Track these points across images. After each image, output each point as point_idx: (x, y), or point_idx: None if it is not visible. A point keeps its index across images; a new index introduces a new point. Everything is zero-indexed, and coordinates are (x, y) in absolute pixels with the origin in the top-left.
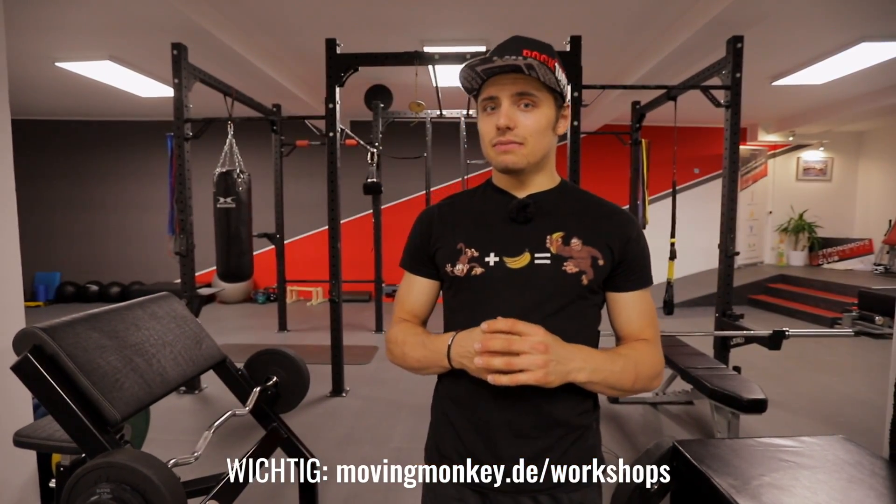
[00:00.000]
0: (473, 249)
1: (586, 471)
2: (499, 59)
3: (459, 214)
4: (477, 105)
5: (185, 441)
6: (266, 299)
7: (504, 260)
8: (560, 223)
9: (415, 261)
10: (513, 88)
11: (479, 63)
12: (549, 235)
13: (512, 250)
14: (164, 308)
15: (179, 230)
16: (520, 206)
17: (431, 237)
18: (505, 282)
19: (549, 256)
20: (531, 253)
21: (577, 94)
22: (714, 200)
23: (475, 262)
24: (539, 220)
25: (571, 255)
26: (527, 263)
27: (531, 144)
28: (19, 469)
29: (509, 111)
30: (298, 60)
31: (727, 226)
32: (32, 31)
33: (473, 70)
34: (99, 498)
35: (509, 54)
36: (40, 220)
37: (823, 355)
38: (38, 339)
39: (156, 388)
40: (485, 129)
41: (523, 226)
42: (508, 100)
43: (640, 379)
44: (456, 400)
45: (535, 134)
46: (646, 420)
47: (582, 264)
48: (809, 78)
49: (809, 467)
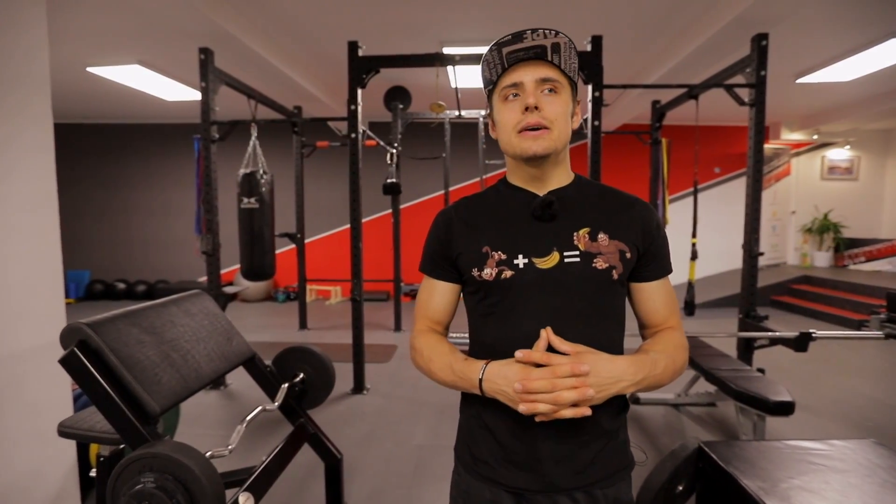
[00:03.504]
0: (500, 252)
1: (619, 466)
2: (529, 37)
3: (479, 215)
4: (493, 99)
5: (214, 435)
6: (286, 298)
7: (533, 261)
8: (585, 218)
9: (435, 265)
10: (536, 74)
11: (507, 42)
12: (576, 232)
13: (540, 250)
14: (197, 305)
15: (206, 230)
16: (544, 204)
17: (452, 241)
18: (536, 283)
19: (579, 254)
20: (560, 251)
21: (599, 94)
22: (735, 200)
23: (504, 266)
24: (563, 217)
25: (600, 250)
26: (556, 263)
27: (557, 129)
28: (60, 459)
29: (535, 93)
30: (319, 63)
31: (751, 225)
32: (65, 38)
33: (500, 53)
34: (143, 487)
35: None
36: (71, 220)
37: (850, 358)
38: (83, 334)
39: (191, 383)
40: (507, 117)
41: (548, 224)
42: (533, 83)
43: (677, 371)
44: (486, 401)
45: (560, 118)
46: (667, 421)
47: (611, 259)
48: (836, 75)
49: (840, 471)
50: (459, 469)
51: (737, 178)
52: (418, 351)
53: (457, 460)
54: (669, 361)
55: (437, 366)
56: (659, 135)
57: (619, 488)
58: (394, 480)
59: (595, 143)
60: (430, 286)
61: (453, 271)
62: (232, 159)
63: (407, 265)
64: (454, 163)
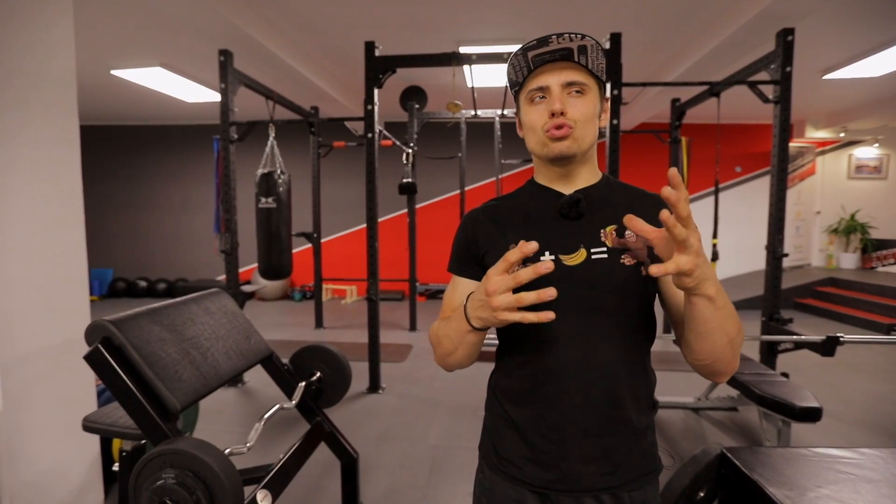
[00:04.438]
0: None
1: (647, 469)
2: (555, 41)
3: (506, 214)
4: (519, 100)
5: (231, 432)
6: (302, 297)
7: (560, 258)
8: (611, 216)
9: (462, 263)
10: (562, 77)
11: (533, 47)
12: (603, 229)
13: (567, 247)
14: (217, 304)
15: (224, 229)
16: (571, 202)
17: (479, 240)
18: (564, 280)
19: (606, 251)
20: (587, 249)
21: (617, 92)
22: (757, 200)
23: (531, 263)
24: (590, 215)
25: (628, 246)
26: (584, 259)
27: (580, 129)
28: (85, 453)
29: (562, 98)
30: (336, 63)
31: (775, 226)
32: (90, 42)
33: (525, 57)
34: (164, 482)
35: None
36: (95, 219)
37: (879, 363)
38: (107, 332)
39: (210, 381)
40: (534, 118)
41: (575, 221)
42: (559, 87)
43: (740, 331)
44: (514, 399)
45: (585, 120)
46: (687, 426)
47: (640, 255)
48: (864, 70)
49: (872, 480)
50: (483, 467)
51: (759, 177)
52: (433, 333)
53: (481, 458)
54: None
55: (443, 333)
56: (678, 133)
57: (646, 492)
58: (409, 480)
59: (613, 141)
60: (455, 284)
61: (479, 269)
62: (250, 159)
63: (423, 265)
64: (470, 163)
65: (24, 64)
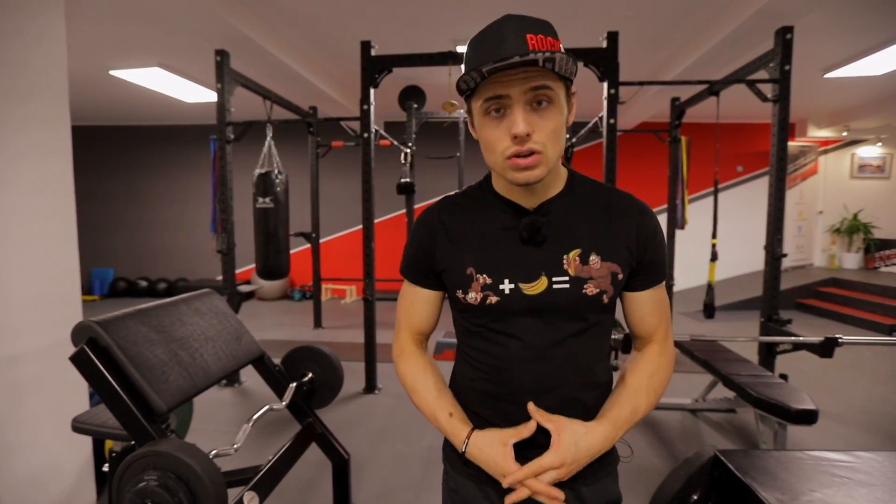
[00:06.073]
0: (485, 276)
1: (604, 463)
2: (517, 58)
3: (464, 230)
4: (470, 103)
5: (226, 432)
6: (302, 297)
7: (520, 286)
8: (575, 238)
9: (417, 273)
10: (525, 84)
11: (490, 64)
12: (566, 255)
13: (528, 275)
14: (207, 304)
15: (221, 229)
16: (532, 229)
17: (436, 253)
18: (523, 310)
19: (568, 280)
20: (548, 277)
21: (614, 92)
22: (759, 200)
23: (489, 290)
24: (553, 238)
25: (591, 275)
26: (544, 289)
27: (550, 151)
28: (76, 453)
29: (525, 115)
30: (334, 63)
31: (774, 226)
32: (89, 42)
33: (479, 72)
34: (146, 485)
35: (516, 47)
36: (95, 219)
37: (881, 365)
38: (93, 332)
39: (198, 381)
40: (493, 137)
41: (537, 247)
42: (522, 99)
43: (658, 397)
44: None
45: (553, 139)
46: (684, 427)
47: (602, 284)
48: (867, 69)
49: (867, 484)
50: (448, 468)
51: (761, 176)
52: (401, 375)
53: (445, 460)
54: (651, 395)
55: (417, 399)
56: (678, 133)
57: (604, 484)
58: (402, 481)
59: (611, 142)
60: (412, 293)
61: (436, 280)
62: (248, 159)
63: None
64: (468, 162)
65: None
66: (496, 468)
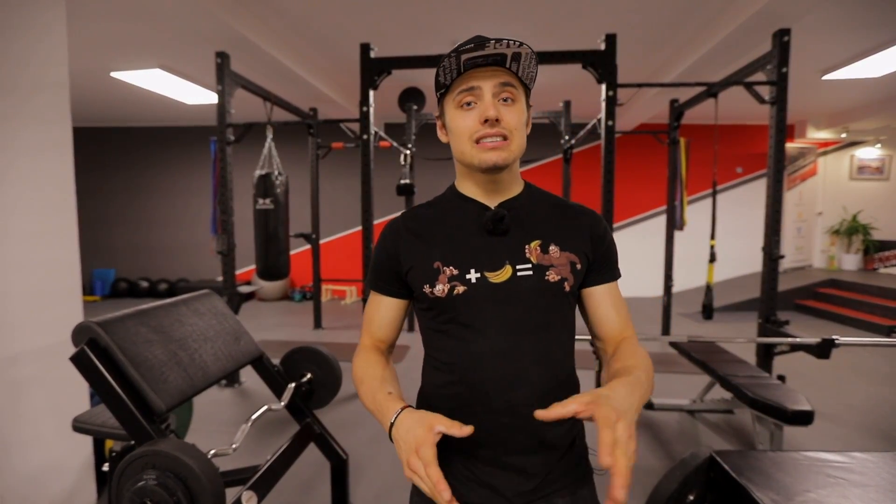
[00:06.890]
0: (452, 267)
1: (578, 474)
2: (492, 46)
3: (429, 228)
4: (445, 103)
5: (226, 432)
6: (302, 297)
7: (486, 275)
8: (536, 231)
9: (382, 280)
10: (495, 79)
11: (468, 49)
12: (528, 245)
13: (493, 264)
14: (206, 305)
15: (221, 230)
16: (496, 218)
17: (401, 255)
18: (489, 298)
19: (531, 267)
20: (512, 265)
21: (613, 94)
22: (758, 200)
23: (456, 281)
24: (515, 230)
25: (552, 262)
26: (509, 277)
27: (515, 140)
28: (77, 453)
29: (495, 104)
30: (334, 65)
31: (772, 227)
32: (90, 44)
33: (458, 59)
34: (145, 484)
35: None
36: (97, 219)
37: (879, 366)
38: (93, 333)
39: (197, 382)
40: (465, 125)
41: (500, 237)
42: (491, 91)
43: (651, 380)
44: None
45: (518, 129)
46: (682, 428)
47: (563, 271)
48: (865, 71)
49: (861, 485)
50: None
51: (761, 178)
52: (354, 369)
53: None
54: (650, 376)
55: (363, 389)
56: (677, 134)
57: (582, 495)
58: (401, 482)
59: (609, 143)
60: (376, 302)
61: (401, 287)
62: (248, 161)
63: None
64: None
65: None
66: (408, 448)
